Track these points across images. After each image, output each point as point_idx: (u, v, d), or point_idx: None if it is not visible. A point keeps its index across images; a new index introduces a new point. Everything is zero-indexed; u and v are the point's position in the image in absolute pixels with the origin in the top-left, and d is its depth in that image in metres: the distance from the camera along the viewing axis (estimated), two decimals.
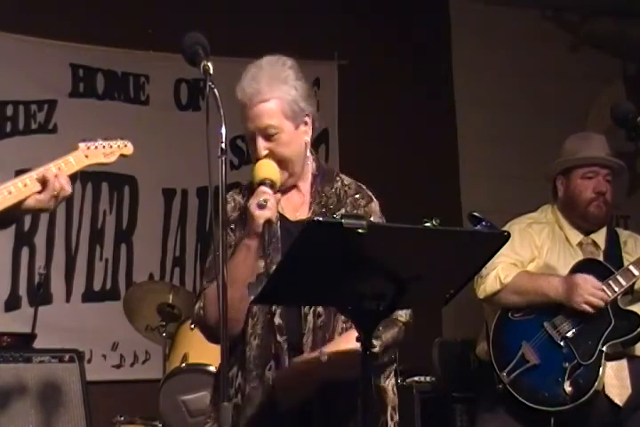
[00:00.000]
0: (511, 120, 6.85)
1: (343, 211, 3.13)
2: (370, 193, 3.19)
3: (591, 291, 4.18)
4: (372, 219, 3.03)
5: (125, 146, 3.24)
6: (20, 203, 2.98)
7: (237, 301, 2.82)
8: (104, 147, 3.20)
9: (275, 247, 2.98)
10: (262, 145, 2.99)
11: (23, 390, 4.41)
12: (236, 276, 2.83)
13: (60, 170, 3.04)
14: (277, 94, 3.03)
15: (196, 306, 3.00)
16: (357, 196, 3.16)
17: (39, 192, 2.99)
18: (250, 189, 3.05)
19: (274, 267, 2.80)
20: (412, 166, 6.57)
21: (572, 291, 4.20)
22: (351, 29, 6.59)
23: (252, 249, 2.91)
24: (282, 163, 2.99)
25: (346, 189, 3.20)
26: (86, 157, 3.15)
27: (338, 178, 3.19)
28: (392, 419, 3.05)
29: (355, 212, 3.09)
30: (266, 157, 2.98)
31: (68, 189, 3.03)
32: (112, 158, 3.21)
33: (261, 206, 2.85)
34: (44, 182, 3.00)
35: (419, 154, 6.66)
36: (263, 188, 2.89)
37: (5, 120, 6.01)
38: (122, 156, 3.22)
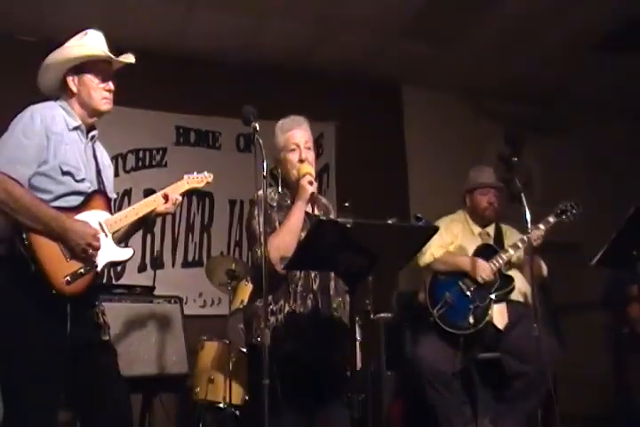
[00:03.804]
0: (444, 159, 6.85)
1: (332, 214, 3.22)
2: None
3: (485, 271, 4.24)
4: (331, 216, 3.17)
5: (210, 177, 3.27)
6: (152, 212, 3.01)
7: (293, 245, 2.78)
8: (197, 177, 3.23)
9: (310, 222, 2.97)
10: (305, 152, 3.05)
11: (147, 321, 4.44)
12: (294, 226, 2.86)
13: (173, 190, 3.08)
14: (307, 129, 3.12)
15: (260, 252, 2.79)
16: (332, 208, 3.27)
17: (165, 203, 3.03)
18: (283, 190, 3.07)
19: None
20: (378, 187, 6.57)
21: (475, 267, 4.26)
22: (343, 103, 6.64)
23: (302, 210, 2.91)
24: None
25: (326, 203, 3.28)
26: (187, 183, 3.18)
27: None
28: None
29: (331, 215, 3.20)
30: (306, 160, 3.03)
31: (180, 198, 3.08)
32: (202, 184, 3.24)
33: (310, 183, 2.90)
34: (166, 197, 3.04)
35: (378, 181, 6.66)
36: (309, 176, 2.93)
37: (138, 160, 6.06)
38: (207, 183, 3.26)
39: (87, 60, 2.85)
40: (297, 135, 3.07)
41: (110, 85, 2.89)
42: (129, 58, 2.94)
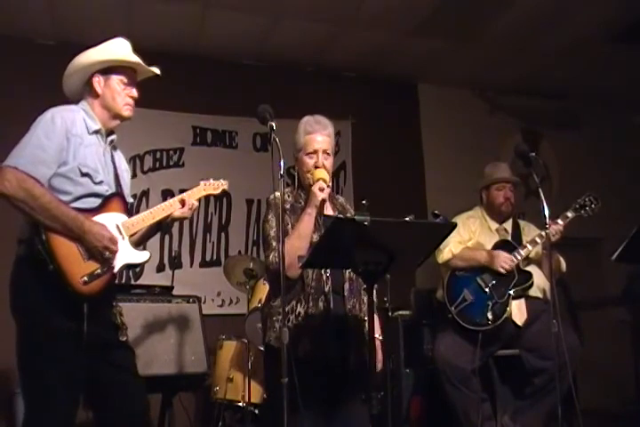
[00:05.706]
0: (461, 156, 6.81)
1: (349, 213, 3.16)
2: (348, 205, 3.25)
3: (505, 260, 4.19)
4: (348, 215, 3.10)
5: (226, 184, 3.25)
6: (168, 216, 3.00)
7: (303, 249, 2.78)
8: (214, 184, 3.21)
9: (323, 223, 2.94)
10: (322, 159, 3.00)
11: (166, 320, 4.42)
12: (304, 232, 2.83)
13: (190, 196, 3.07)
14: (331, 134, 3.05)
15: (272, 256, 2.86)
16: (349, 207, 3.21)
17: (181, 208, 3.02)
18: (298, 190, 3.06)
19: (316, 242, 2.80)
20: (395, 184, 6.54)
21: (493, 260, 4.21)
22: (359, 101, 6.60)
23: (312, 216, 2.87)
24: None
25: (343, 202, 3.23)
26: (204, 189, 3.17)
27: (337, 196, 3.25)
28: None
29: (348, 214, 3.13)
30: (322, 167, 2.98)
31: (196, 204, 3.06)
32: (218, 191, 3.22)
33: (321, 190, 2.87)
34: (182, 202, 3.02)
35: (394, 178, 6.64)
36: (322, 182, 2.89)
37: (155, 160, 6.06)
38: (223, 191, 3.24)
39: (116, 65, 2.86)
40: (318, 140, 3.01)
41: (134, 93, 2.90)
42: (155, 69, 2.95)
